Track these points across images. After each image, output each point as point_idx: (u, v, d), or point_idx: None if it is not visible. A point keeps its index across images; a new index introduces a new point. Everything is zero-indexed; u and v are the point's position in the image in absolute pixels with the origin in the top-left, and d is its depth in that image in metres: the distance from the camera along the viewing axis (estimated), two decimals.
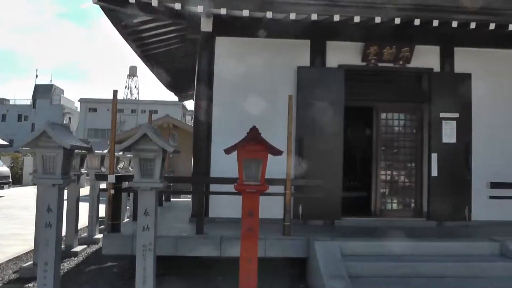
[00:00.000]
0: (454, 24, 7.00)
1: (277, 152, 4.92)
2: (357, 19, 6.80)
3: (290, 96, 6.57)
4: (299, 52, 8.20)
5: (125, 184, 7.03)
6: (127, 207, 10.33)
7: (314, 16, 6.72)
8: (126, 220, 9.80)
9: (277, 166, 6.24)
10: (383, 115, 8.72)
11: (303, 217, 7.70)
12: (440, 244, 6.46)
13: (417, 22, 6.94)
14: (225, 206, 7.20)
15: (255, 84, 7.99)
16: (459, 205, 8.17)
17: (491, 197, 7.14)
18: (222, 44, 8.10)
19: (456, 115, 8.29)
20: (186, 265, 6.85)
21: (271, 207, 6.55)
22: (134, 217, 7.37)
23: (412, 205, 8.70)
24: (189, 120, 48.59)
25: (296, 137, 7.69)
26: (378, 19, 6.83)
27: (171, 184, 11.10)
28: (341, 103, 8.03)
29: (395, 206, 8.72)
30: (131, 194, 8.30)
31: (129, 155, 11.88)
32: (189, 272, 6.71)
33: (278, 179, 6.38)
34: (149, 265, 4.65)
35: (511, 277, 5.89)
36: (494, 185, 7.00)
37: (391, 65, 8.27)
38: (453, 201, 8.16)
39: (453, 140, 8.24)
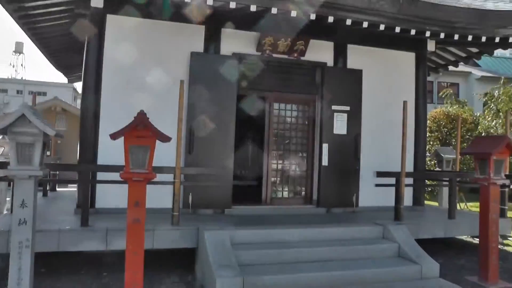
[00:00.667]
0: (348, 22, 7.32)
1: (165, 138, 4.74)
2: (253, 8, 6.78)
3: (181, 81, 6.43)
4: (194, 38, 8.03)
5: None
6: (7, 198, 9.48)
7: (209, 1, 6.60)
8: (5, 212, 8.98)
9: (168, 154, 6.11)
10: (276, 105, 8.87)
11: (193, 207, 7.58)
12: (327, 230, 6.76)
13: (313, 17, 7.11)
14: (112, 196, 6.84)
15: (148, 68, 7.64)
16: (348, 193, 8.66)
17: (377, 185, 7.71)
18: (114, 23, 7.64)
19: (347, 108, 8.74)
20: (70, 261, 6.42)
21: (161, 196, 6.42)
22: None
23: (303, 193, 9.02)
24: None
25: (187, 125, 7.58)
26: (274, 10, 6.87)
27: (57, 172, 10.40)
28: (234, 92, 8.04)
29: (286, 194, 8.95)
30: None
31: None
32: (73, 269, 6.28)
33: (167, 167, 6.29)
34: (26, 264, 4.26)
35: (391, 256, 6.53)
36: (379, 174, 7.58)
37: (285, 56, 8.44)
38: (342, 189, 8.63)
39: (343, 131, 8.70)
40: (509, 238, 9.70)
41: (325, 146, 8.54)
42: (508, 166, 7.57)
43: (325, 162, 8.53)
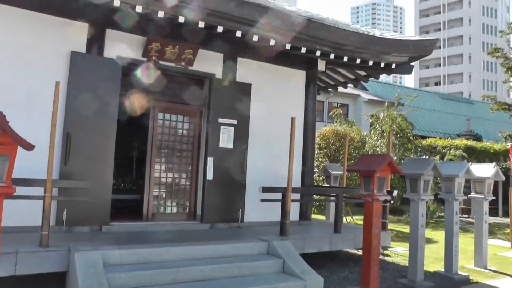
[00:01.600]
0: (238, 34, 7.33)
1: (28, 146, 4.23)
2: (139, 9, 6.49)
3: (57, 83, 5.84)
4: (76, 36, 7.40)
5: None
6: None
7: None
8: None
9: (42, 163, 5.54)
10: (161, 115, 8.57)
11: (67, 224, 6.98)
12: (210, 247, 6.53)
13: (201, 25, 6.99)
14: None
15: (20, 63, 6.89)
16: (233, 208, 8.58)
17: (262, 200, 7.65)
18: None
19: (235, 121, 8.68)
20: None
21: (31, 213, 5.83)
22: None
23: (187, 208, 8.77)
24: None
25: (64, 131, 7.00)
26: (161, 14, 6.66)
27: None
28: (116, 98, 7.58)
29: (168, 209, 8.64)
30: None
31: None
32: None
33: (36, 180, 5.66)
34: None
35: (275, 272, 6.52)
36: (265, 189, 7.53)
37: (173, 64, 8.18)
38: (227, 204, 8.52)
39: (230, 145, 8.61)
40: (388, 249, 10.29)
41: (210, 160, 8.39)
42: (389, 183, 8.00)
43: (210, 176, 8.37)
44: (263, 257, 6.77)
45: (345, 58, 8.70)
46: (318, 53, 8.31)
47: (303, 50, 8.11)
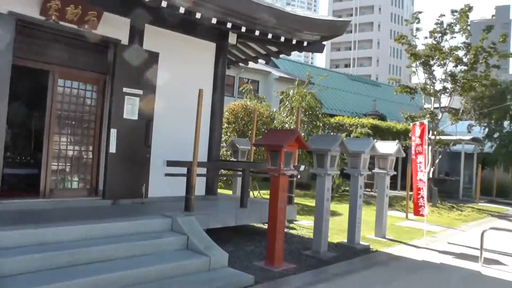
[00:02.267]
0: None
1: None
2: None
3: None
4: None
5: None
6: None
7: None
8: None
9: None
10: (61, 82, 7.85)
11: None
12: (111, 225, 6.20)
13: None
14: None
15: None
16: (137, 183, 8.22)
17: (167, 175, 7.40)
18: None
19: (140, 91, 8.25)
20: None
21: None
22: None
23: (88, 183, 8.24)
24: None
25: None
26: None
27: None
28: (8, 60, 6.76)
29: (68, 184, 8.03)
30: None
31: None
32: None
33: None
34: None
35: (179, 249, 6.35)
36: (170, 163, 7.32)
37: (75, 27, 7.50)
38: (131, 179, 8.14)
39: (134, 117, 8.19)
40: (294, 222, 10.56)
41: (113, 132, 7.89)
42: (297, 158, 8.10)
43: (113, 149, 7.89)
44: (167, 234, 6.57)
45: (257, 33, 8.58)
46: (229, 25, 8.10)
47: (214, 21, 7.86)
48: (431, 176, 17.74)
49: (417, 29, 19.19)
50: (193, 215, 7.07)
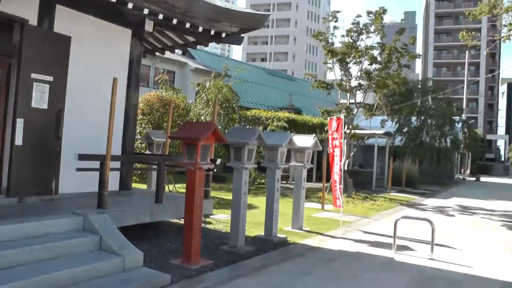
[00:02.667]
0: None
1: None
2: None
3: None
4: None
5: None
6: None
7: None
8: None
9: None
10: None
11: None
12: (17, 226, 5.61)
13: None
14: None
15: None
16: (46, 178, 7.63)
17: (78, 169, 6.98)
18: None
19: (50, 78, 7.60)
20: None
21: None
22: None
23: None
24: None
25: None
26: None
27: None
28: None
29: None
30: None
31: None
32: None
33: None
34: None
35: (92, 250, 5.94)
36: (81, 157, 6.85)
37: None
38: (39, 174, 7.54)
39: (44, 105, 7.53)
40: (210, 217, 10.48)
41: (19, 121, 7.16)
42: (213, 151, 8.01)
43: (19, 141, 7.15)
44: (78, 234, 6.12)
45: (175, 21, 8.36)
46: (146, 11, 7.78)
47: (130, 5, 7.50)
48: (346, 168, 18.43)
49: (335, 28, 19.80)
50: (107, 213, 6.69)
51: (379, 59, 19.17)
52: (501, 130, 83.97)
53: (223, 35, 9.46)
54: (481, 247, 9.80)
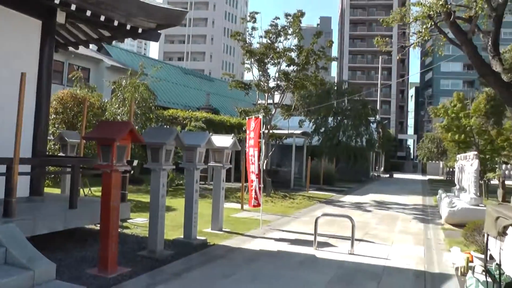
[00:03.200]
0: None
1: None
2: None
3: None
4: None
5: None
6: None
7: None
8: None
9: None
10: None
11: None
12: None
13: None
14: None
15: None
16: None
17: None
18: None
19: None
20: None
21: None
22: None
23: None
24: None
25: None
26: None
27: None
28: None
29: None
30: None
31: None
32: None
33: None
34: None
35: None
36: None
37: None
38: None
39: None
40: (128, 221, 10.14)
41: None
42: (130, 152, 7.74)
43: None
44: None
45: (89, 13, 7.93)
46: (56, 0, 7.34)
47: None
48: (265, 167, 18.64)
49: (253, 28, 19.95)
50: (14, 222, 6.14)
51: (297, 60, 19.59)
52: (410, 130, 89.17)
53: (140, 30, 9.16)
54: (396, 240, 10.37)
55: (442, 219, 13.73)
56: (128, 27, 8.87)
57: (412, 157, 76.68)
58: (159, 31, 9.66)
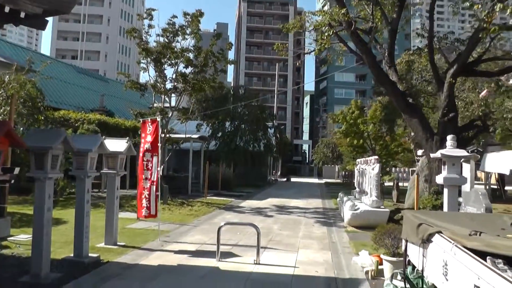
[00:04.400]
0: None
1: None
2: None
3: None
4: None
5: None
6: None
7: None
8: None
9: None
10: None
11: None
12: None
13: None
14: None
15: None
16: None
17: None
18: None
19: None
20: None
21: None
22: None
23: None
24: None
25: None
26: None
27: None
28: None
29: None
30: None
31: None
32: None
33: None
34: None
35: None
36: None
37: None
38: None
39: None
40: (9, 239, 8.83)
41: None
42: (10, 157, 6.59)
43: None
44: None
45: None
46: None
47: None
48: (161, 173, 17.70)
49: (149, 26, 18.94)
50: None
51: (195, 62, 18.94)
52: (306, 136, 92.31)
53: (22, 15, 7.89)
54: (302, 245, 10.08)
55: (344, 222, 13.81)
56: (7, 9, 7.61)
57: (307, 161, 79.11)
58: (46, 18, 8.48)
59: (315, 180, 49.62)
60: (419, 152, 17.79)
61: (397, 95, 16.62)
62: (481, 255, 3.58)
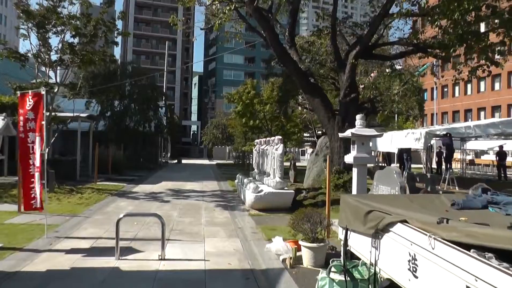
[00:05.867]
0: None
1: None
2: None
3: None
4: None
5: None
6: None
7: None
8: None
9: None
10: None
11: None
12: None
13: None
14: None
15: None
16: None
17: None
18: None
19: None
20: None
21: None
22: None
23: None
24: None
25: None
26: None
27: None
28: None
29: None
30: None
31: None
32: None
33: None
34: None
35: None
36: None
37: None
38: None
39: None
40: None
41: None
42: None
43: None
44: None
45: None
46: None
47: None
48: (46, 157, 15.49)
49: None
50: None
51: (84, 31, 16.74)
52: (194, 116, 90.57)
53: None
54: (207, 234, 9.09)
55: (246, 205, 12.94)
56: None
57: (197, 142, 77.75)
58: None
59: (206, 162, 48.66)
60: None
61: (300, 74, 16.11)
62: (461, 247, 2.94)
